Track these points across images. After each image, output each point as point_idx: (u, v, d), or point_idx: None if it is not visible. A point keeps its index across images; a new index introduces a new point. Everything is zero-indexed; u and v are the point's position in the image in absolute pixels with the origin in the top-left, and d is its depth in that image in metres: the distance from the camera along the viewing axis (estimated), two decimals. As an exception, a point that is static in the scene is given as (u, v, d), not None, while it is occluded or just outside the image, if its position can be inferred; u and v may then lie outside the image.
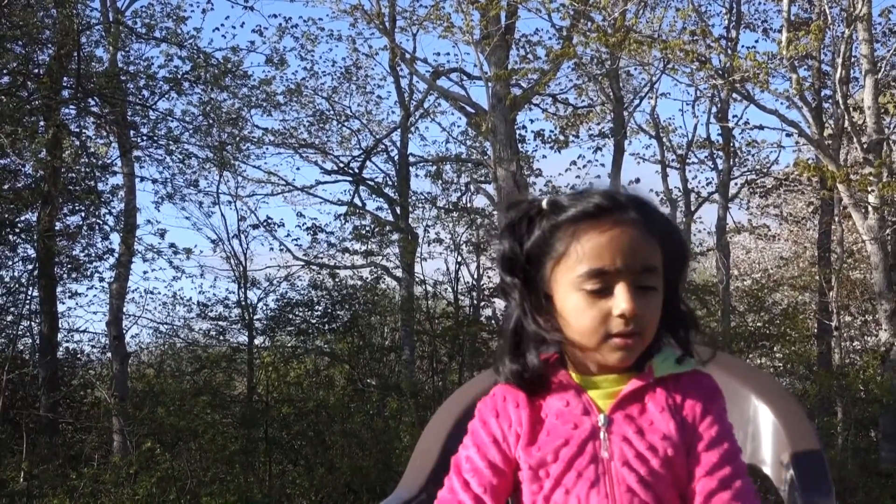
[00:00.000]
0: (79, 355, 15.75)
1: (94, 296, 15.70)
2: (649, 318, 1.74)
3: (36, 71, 13.51)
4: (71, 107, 14.05)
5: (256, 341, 14.70)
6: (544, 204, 1.80)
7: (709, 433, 1.76)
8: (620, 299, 1.71)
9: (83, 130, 14.75)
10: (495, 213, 14.92)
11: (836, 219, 16.38)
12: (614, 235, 1.73)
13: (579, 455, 1.76)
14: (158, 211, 25.39)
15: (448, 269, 14.69)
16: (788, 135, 16.45)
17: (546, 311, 1.80)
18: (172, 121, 14.88)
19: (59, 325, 14.26)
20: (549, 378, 1.82)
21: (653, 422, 1.76)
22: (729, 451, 1.76)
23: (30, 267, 14.45)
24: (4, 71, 13.34)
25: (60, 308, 14.51)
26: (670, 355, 1.81)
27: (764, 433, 2.38)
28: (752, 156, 18.69)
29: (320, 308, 15.09)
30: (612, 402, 1.78)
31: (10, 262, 15.00)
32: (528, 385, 1.83)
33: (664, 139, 18.29)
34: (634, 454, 1.73)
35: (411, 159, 17.76)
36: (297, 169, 37.51)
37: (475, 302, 14.55)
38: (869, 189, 11.89)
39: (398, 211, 16.94)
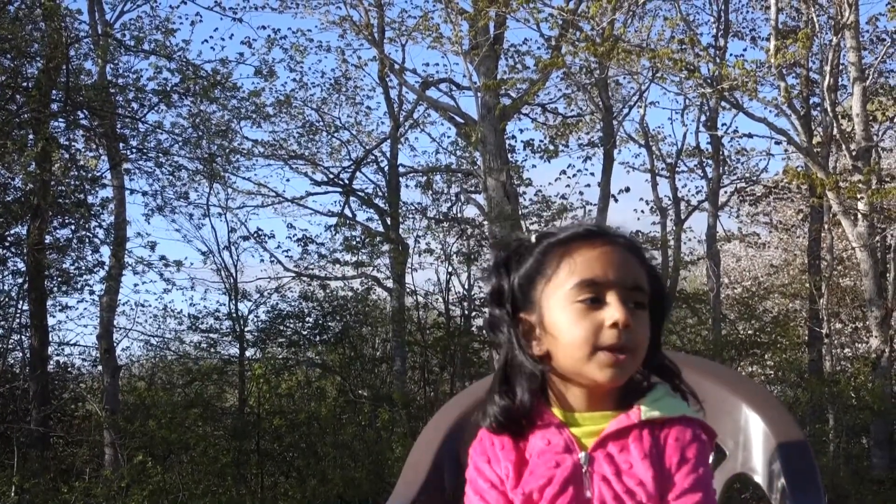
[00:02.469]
0: (69, 369, 15.68)
1: (85, 309, 15.62)
2: (640, 337, 1.76)
3: (24, 84, 13.48)
4: (60, 120, 14.01)
5: (247, 353, 14.65)
6: (533, 238, 1.86)
7: (683, 483, 1.73)
8: (613, 309, 1.73)
9: (72, 143, 14.71)
10: (485, 223, 14.91)
11: (826, 226, 16.41)
12: (606, 251, 1.79)
13: (561, 494, 1.75)
14: (148, 223, 25.33)
15: (439, 279, 14.64)
16: (777, 143, 16.45)
17: (534, 334, 1.81)
18: (162, 133, 14.86)
19: (50, 339, 14.19)
20: (534, 416, 1.82)
21: (632, 465, 1.74)
22: (700, 501, 1.73)
23: (20, 280, 14.40)
24: (-7, 84, 13.32)
25: (51, 321, 14.47)
26: (663, 396, 1.81)
27: (755, 442, 2.39)
28: (742, 164, 18.74)
29: (311, 319, 15.06)
30: (595, 440, 1.77)
31: (0, 276, 14.97)
32: (514, 423, 1.83)
33: (653, 148, 18.31)
34: (612, 496, 1.73)
35: (401, 170, 17.77)
36: (287, 180, 37.31)
37: (466, 312, 14.51)
38: (858, 196, 11.94)
39: (388, 222, 16.93)
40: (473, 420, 1.92)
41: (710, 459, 1.81)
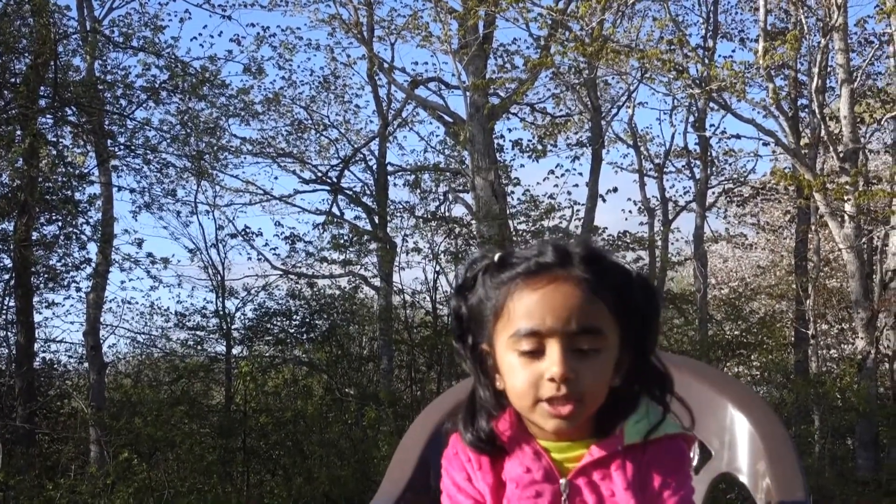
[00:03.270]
0: (56, 365, 15.63)
1: (72, 306, 15.55)
2: (588, 384, 1.66)
3: (12, 80, 13.43)
4: (48, 116, 13.96)
5: (234, 351, 14.63)
6: (495, 258, 1.75)
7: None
8: (550, 361, 1.64)
9: (60, 140, 14.66)
10: (473, 222, 14.92)
11: (813, 227, 16.48)
12: (547, 293, 1.67)
13: None
14: (136, 220, 25.19)
15: (426, 278, 14.61)
16: (765, 144, 16.51)
17: (492, 370, 1.75)
18: (150, 130, 14.83)
19: (36, 336, 14.14)
20: (509, 440, 1.77)
21: (614, 493, 1.71)
22: None
23: (6, 277, 14.33)
24: (-20, 80, 13.27)
25: (37, 318, 14.41)
26: (644, 416, 1.75)
27: (740, 442, 2.39)
28: (730, 165, 18.84)
29: (298, 317, 15.03)
30: (575, 468, 1.73)
31: (-14, 273, 14.90)
32: (489, 450, 1.79)
33: (642, 148, 18.39)
34: None
35: (389, 168, 17.79)
36: (276, 178, 37.21)
37: (454, 311, 14.48)
38: (845, 198, 11.97)
39: (376, 220, 16.94)
40: (445, 429, 1.90)
41: (695, 460, 1.80)
